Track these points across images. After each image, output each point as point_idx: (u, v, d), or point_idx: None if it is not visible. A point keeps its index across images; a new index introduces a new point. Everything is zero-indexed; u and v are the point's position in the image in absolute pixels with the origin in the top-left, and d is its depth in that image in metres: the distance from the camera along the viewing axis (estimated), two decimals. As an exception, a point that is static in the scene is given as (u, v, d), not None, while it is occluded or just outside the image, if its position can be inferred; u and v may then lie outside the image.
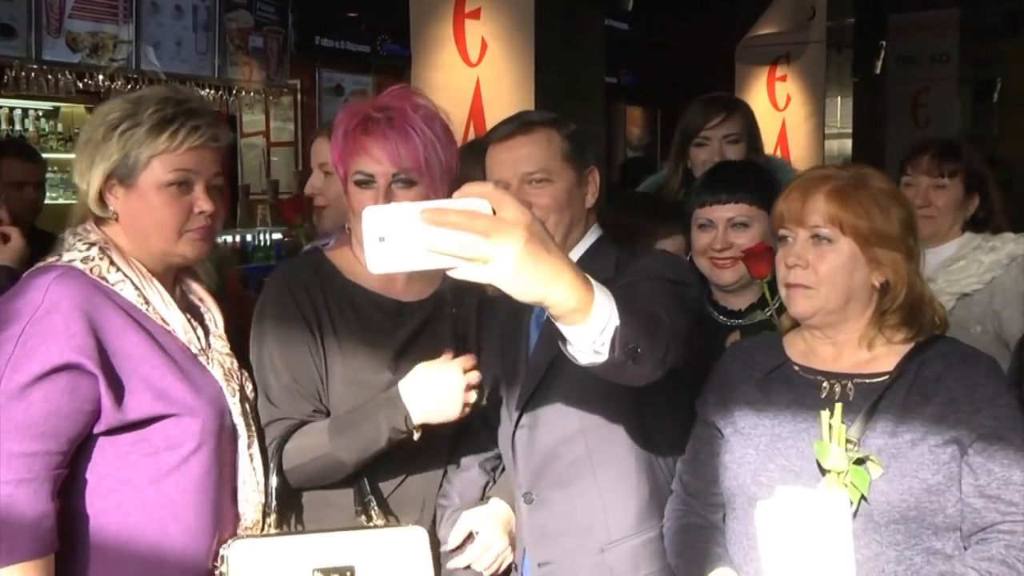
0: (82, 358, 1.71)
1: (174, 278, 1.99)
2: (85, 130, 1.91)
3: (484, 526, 2.12)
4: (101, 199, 1.89)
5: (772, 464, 1.81)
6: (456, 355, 2.01)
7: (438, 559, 2.09)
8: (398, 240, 1.23)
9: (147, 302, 1.86)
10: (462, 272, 1.24)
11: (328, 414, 2.07)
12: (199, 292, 2.04)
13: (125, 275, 1.85)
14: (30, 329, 1.71)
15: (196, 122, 1.87)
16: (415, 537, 1.96)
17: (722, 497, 1.93)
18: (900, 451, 1.72)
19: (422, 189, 2.05)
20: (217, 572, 1.88)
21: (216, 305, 2.04)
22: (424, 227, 1.22)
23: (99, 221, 1.91)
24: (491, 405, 2.15)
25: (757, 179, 2.47)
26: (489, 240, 1.22)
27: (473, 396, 1.97)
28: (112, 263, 1.85)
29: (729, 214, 2.38)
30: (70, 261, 1.84)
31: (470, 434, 2.20)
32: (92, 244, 1.87)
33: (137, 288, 1.86)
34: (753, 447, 1.85)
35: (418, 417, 1.94)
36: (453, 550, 2.13)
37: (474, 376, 1.97)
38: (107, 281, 1.83)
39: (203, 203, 1.89)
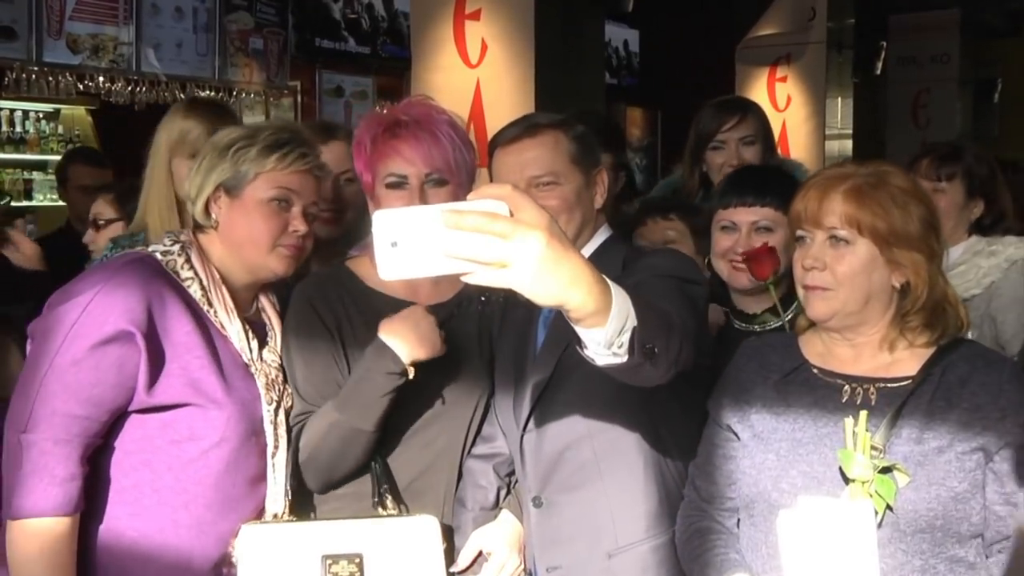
0: (134, 328, 1.84)
1: (255, 293, 2.13)
2: (206, 148, 2.10)
3: (497, 546, 2.13)
4: (206, 208, 2.05)
5: (794, 470, 1.78)
6: (479, 353, 2.15)
7: (451, 550, 2.10)
8: (411, 245, 1.19)
9: (210, 304, 1.99)
10: (478, 277, 1.20)
11: None
12: (270, 311, 2.17)
13: (196, 274, 2.00)
14: (96, 300, 1.85)
15: (305, 150, 2.05)
16: (425, 525, 1.98)
17: (736, 502, 1.91)
18: (926, 458, 1.70)
19: (452, 188, 2.10)
20: (235, 557, 1.96)
21: (280, 324, 2.16)
22: (439, 230, 1.17)
23: (197, 229, 2.08)
24: (500, 408, 2.15)
25: (783, 184, 2.40)
26: (508, 243, 1.18)
27: (443, 334, 2.02)
28: (188, 261, 2.01)
29: (754, 217, 2.32)
30: (152, 251, 2.02)
31: (485, 430, 2.20)
32: (177, 242, 2.04)
33: (204, 289, 1.99)
34: (773, 452, 1.81)
35: (405, 354, 1.97)
36: (463, 571, 2.13)
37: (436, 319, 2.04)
38: (178, 276, 1.98)
39: (298, 223, 2.03)
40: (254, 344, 2.04)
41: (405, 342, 1.98)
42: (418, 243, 1.19)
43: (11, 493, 1.83)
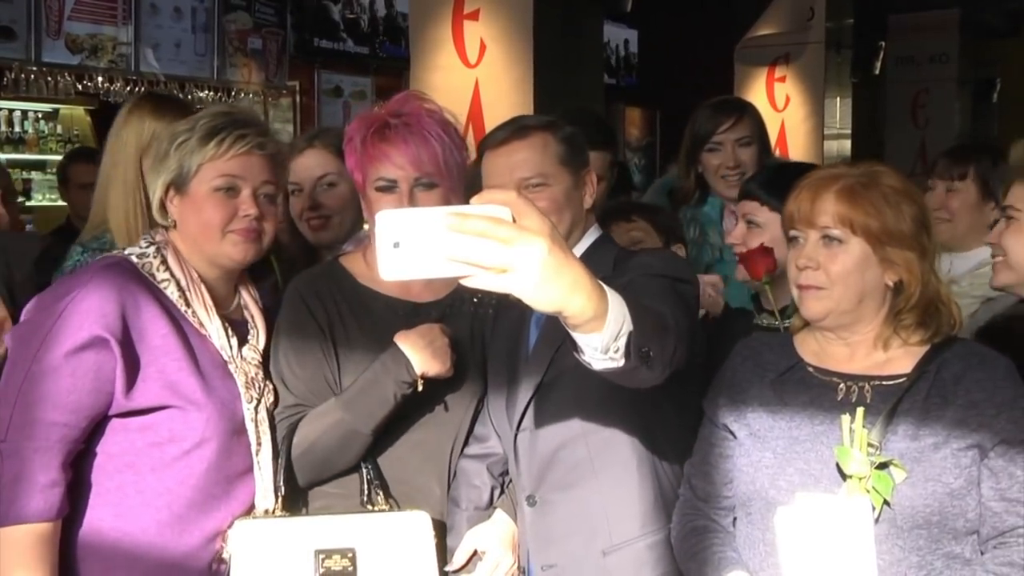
0: (108, 334, 1.85)
1: (234, 288, 2.13)
2: (155, 147, 2.09)
3: (491, 545, 2.14)
4: (163, 208, 2.04)
5: (791, 468, 1.79)
6: (471, 354, 2.14)
7: (443, 548, 2.11)
8: (413, 246, 1.19)
9: (188, 304, 1.99)
10: (478, 281, 1.21)
11: None
12: (252, 308, 2.16)
13: (172, 275, 2.00)
14: (71, 307, 1.86)
15: (242, 131, 2.00)
16: (417, 521, 1.99)
17: (732, 500, 1.91)
18: (923, 455, 1.71)
19: (443, 191, 2.10)
20: (225, 554, 1.97)
21: (263, 321, 2.15)
22: (442, 233, 1.18)
23: (168, 228, 2.07)
24: (494, 408, 2.16)
25: (789, 184, 2.40)
26: (511, 248, 1.19)
27: (454, 356, 2.06)
28: (164, 262, 2.01)
29: (744, 211, 2.35)
30: (128, 255, 2.02)
31: (478, 430, 2.20)
32: (152, 243, 2.04)
33: (181, 290, 1.99)
34: (770, 450, 1.82)
35: (418, 366, 2.00)
36: (458, 570, 2.14)
37: (451, 340, 2.07)
38: (154, 278, 1.98)
39: (247, 207, 2.00)
40: (234, 342, 2.04)
41: (420, 354, 2.01)
42: (420, 245, 1.19)
43: None
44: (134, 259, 2.00)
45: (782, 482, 1.79)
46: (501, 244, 1.18)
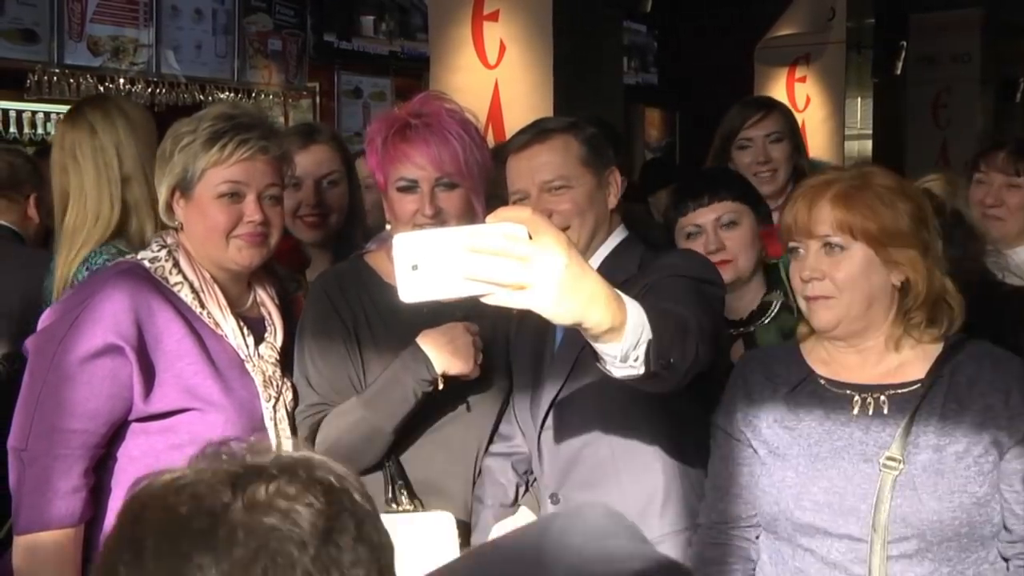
0: (122, 341, 1.86)
1: (248, 286, 2.12)
2: (160, 146, 2.06)
3: None
4: (169, 210, 2.04)
5: (815, 487, 1.77)
6: (495, 354, 2.15)
7: (468, 546, 2.10)
8: (432, 268, 1.21)
9: (202, 305, 1.98)
10: (499, 298, 1.23)
11: None
12: (268, 305, 2.15)
13: (185, 278, 2.00)
14: (84, 314, 1.87)
15: (245, 136, 1.97)
16: (442, 521, 2.00)
17: (756, 518, 1.90)
18: (946, 467, 1.69)
19: (464, 191, 2.11)
20: None
21: (280, 319, 2.14)
22: (459, 254, 1.20)
23: (177, 229, 2.07)
24: (518, 407, 2.16)
25: (732, 179, 2.49)
26: (529, 265, 1.21)
27: (480, 356, 2.05)
28: (176, 265, 2.00)
29: (715, 214, 2.34)
30: (141, 259, 2.03)
31: (503, 429, 2.21)
32: (164, 247, 2.04)
33: (195, 291, 1.99)
34: (792, 469, 1.80)
35: (438, 365, 2.00)
36: None
37: (478, 340, 2.06)
38: (167, 282, 1.99)
39: (252, 212, 1.99)
40: (250, 340, 2.04)
41: (440, 353, 2.01)
42: (439, 266, 1.21)
43: (17, 510, 1.85)
44: (146, 264, 2.00)
45: (807, 502, 1.78)
46: (519, 262, 1.20)
